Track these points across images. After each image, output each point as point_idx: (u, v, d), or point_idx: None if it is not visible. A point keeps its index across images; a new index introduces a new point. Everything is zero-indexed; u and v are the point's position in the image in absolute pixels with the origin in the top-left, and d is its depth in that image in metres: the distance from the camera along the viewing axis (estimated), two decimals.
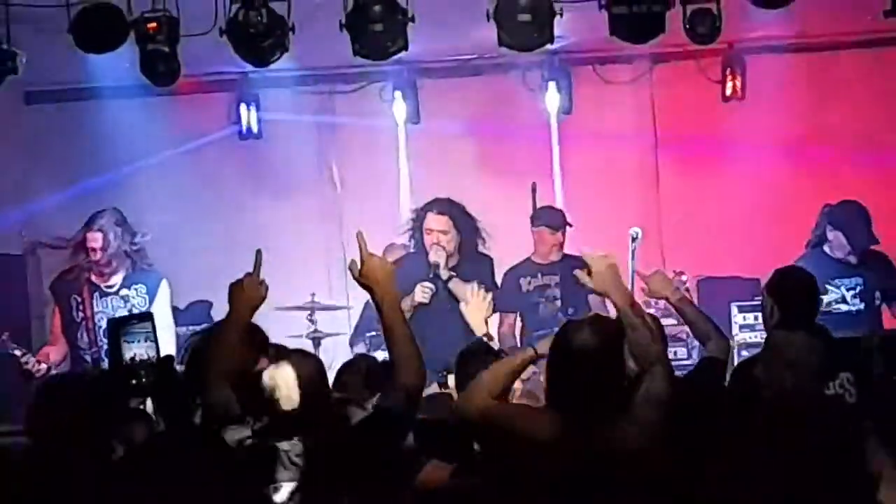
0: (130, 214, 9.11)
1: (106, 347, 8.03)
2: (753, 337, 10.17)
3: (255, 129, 11.93)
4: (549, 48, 9.34)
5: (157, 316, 8.07)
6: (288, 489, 5.10)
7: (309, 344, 10.22)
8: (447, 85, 11.89)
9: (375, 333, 9.72)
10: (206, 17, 8.66)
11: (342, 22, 8.68)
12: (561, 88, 11.62)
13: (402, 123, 11.85)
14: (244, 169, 12.08)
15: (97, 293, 8.94)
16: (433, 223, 9.16)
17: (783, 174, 11.49)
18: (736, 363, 9.02)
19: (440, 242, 9.11)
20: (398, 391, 5.03)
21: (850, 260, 8.91)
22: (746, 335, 10.36)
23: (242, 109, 11.88)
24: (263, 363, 5.50)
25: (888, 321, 9.22)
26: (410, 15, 8.67)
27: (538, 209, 10.19)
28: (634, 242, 9.27)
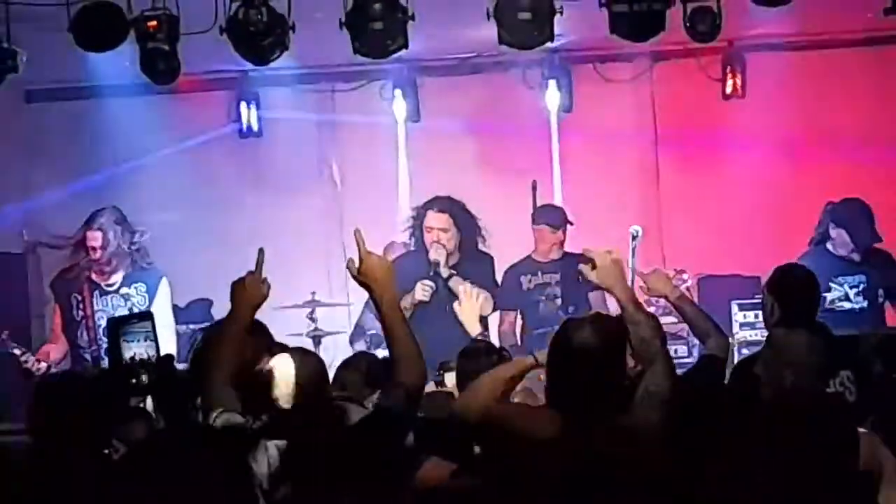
0: (130, 213, 9.12)
1: (106, 346, 8.03)
2: (754, 335, 10.16)
3: (255, 127, 11.93)
4: (549, 46, 9.33)
5: (157, 314, 8.05)
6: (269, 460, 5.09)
7: (309, 342, 10.21)
8: (447, 83, 11.88)
9: (376, 331, 9.71)
10: (206, 15, 8.65)
11: (342, 20, 8.67)
12: (561, 86, 11.62)
13: (402, 122, 11.85)
14: (244, 167, 12.07)
15: (97, 292, 8.95)
16: (433, 221, 9.17)
17: (783, 172, 11.49)
18: (736, 361, 9.03)
19: (440, 240, 9.12)
20: (398, 390, 5.01)
21: (853, 257, 8.91)
22: (747, 333, 10.36)
23: (242, 108, 11.88)
24: (266, 362, 5.50)
25: (891, 319, 9.24)
26: (410, 13, 8.66)
27: (539, 207, 10.18)
28: (635, 241, 9.27)
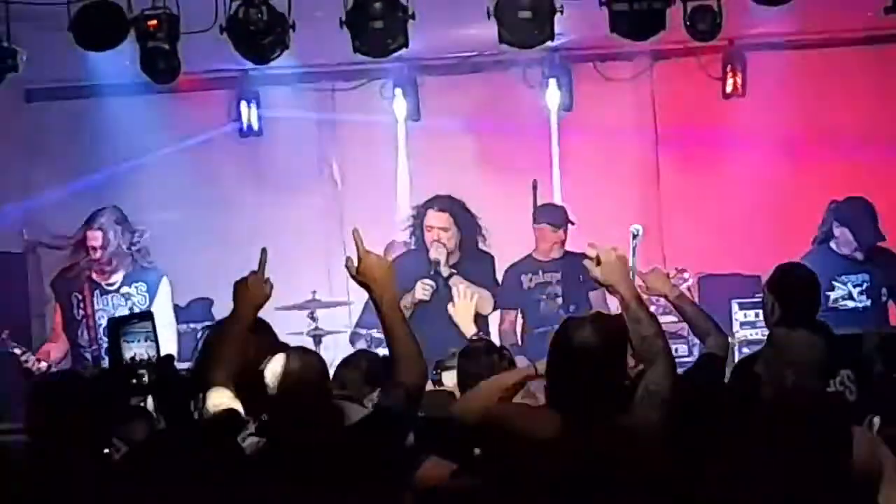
0: (131, 212, 9.11)
1: (106, 346, 8.03)
2: (754, 334, 10.17)
3: (255, 126, 11.92)
4: (549, 45, 9.33)
5: (158, 313, 8.05)
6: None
7: (310, 341, 10.21)
8: (448, 82, 11.88)
9: (376, 330, 9.71)
10: (206, 14, 8.65)
11: (342, 19, 8.67)
12: (561, 85, 11.61)
13: (402, 121, 11.84)
14: (244, 166, 12.07)
15: (98, 291, 8.94)
16: (434, 220, 9.17)
17: (784, 171, 11.48)
18: (736, 360, 9.03)
19: (441, 239, 9.12)
20: (399, 390, 5.00)
21: (856, 256, 8.90)
22: (747, 332, 10.36)
23: (243, 107, 11.87)
24: (267, 362, 5.49)
25: (895, 317, 9.21)
26: (411, 12, 8.66)
27: (540, 206, 10.17)
28: (635, 240, 9.25)
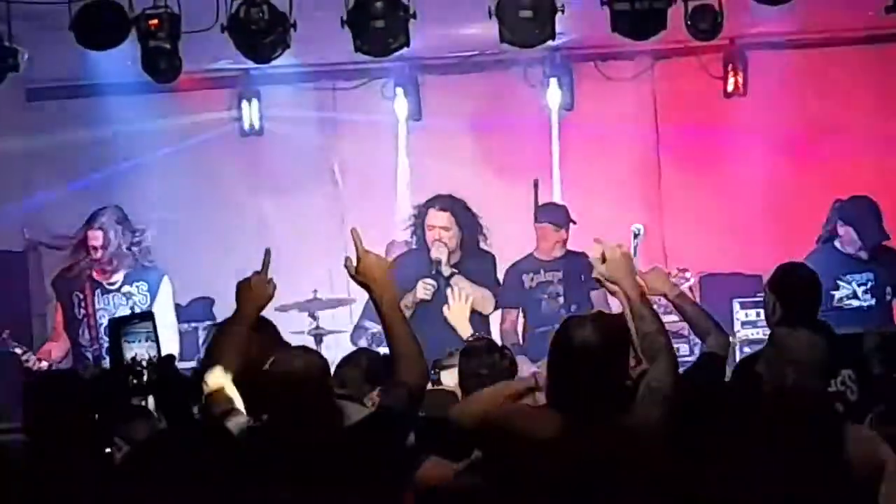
0: (131, 211, 9.10)
1: (107, 346, 8.03)
2: (755, 333, 10.18)
3: (256, 125, 11.92)
4: (550, 44, 9.32)
5: (159, 313, 8.06)
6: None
7: (311, 341, 10.22)
8: (449, 81, 11.88)
9: (377, 329, 9.71)
10: (207, 13, 8.64)
11: (343, 18, 8.66)
12: (562, 85, 11.61)
13: (403, 120, 11.85)
14: (246, 166, 12.07)
15: (99, 290, 8.94)
16: (435, 219, 9.16)
17: (785, 170, 11.48)
18: (738, 359, 9.02)
19: (442, 239, 9.11)
20: (400, 390, 4.99)
21: (860, 255, 8.88)
22: (748, 331, 10.37)
23: (244, 106, 11.87)
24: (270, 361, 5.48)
25: None
26: (412, 11, 8.65)
27: (542, 205, 10.16)
28: (636, 239, 9.25)
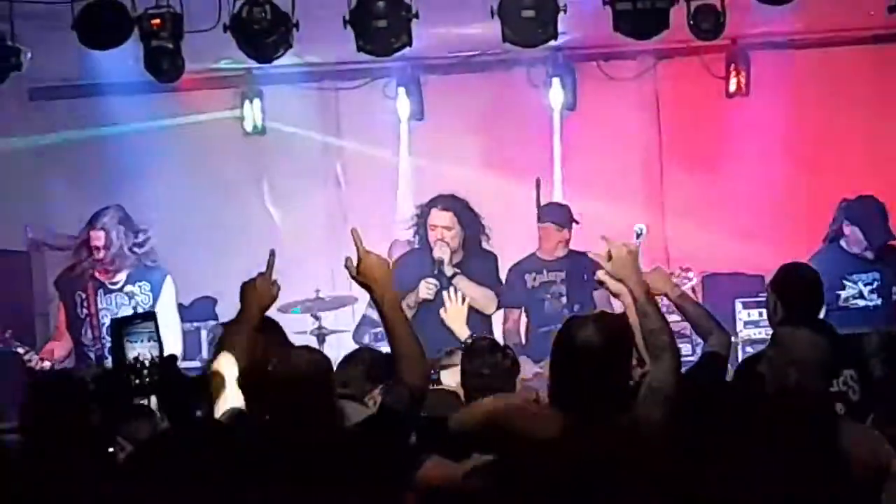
0: (134, 211, 9.10)
1: (109, 346, 8.04)
2: (758, 333, 10.18)
3: (259, 125, 11.91)
4: (553, 44, 9.32)
5: (162, 313, 8.10)
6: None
7: (313, 341, 10.22)
8: (451, 81, 11.87)
9: (379, 329, 9.70)
10: (210, 13, 8.65)
11: (346, 18, 8.67)
12: (565, 84, 11.60)
13: (405, 120, 11.84)
14: (248, 165, 12.06)
15: (101, 290, 8.94)
16: (437, 219, 9.15)
17: (787, 170, 11.47)
18: (740, 359, 9.03)
19: (444, 238, 9.10)
20: (403, 391, 4.99)
21: (866, 255, 8.86)
22: (751, 331, 10.38)
23: (246, 105, 11.86)
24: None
25: None
26: (414, 11, 8.66)
27: (545, 205, 10.12)
28: (639, 239, 9.19)
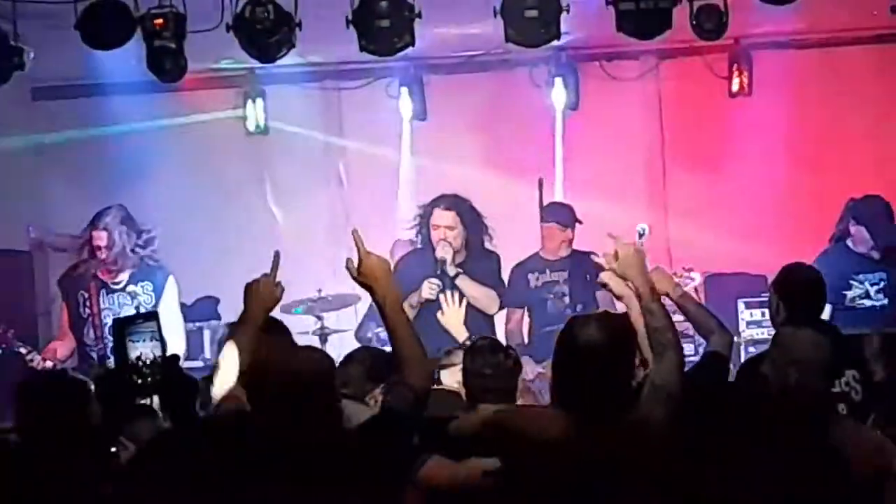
0: (136, 211, 9.10)
1: (111, 345, 8.03)
2: (760, 333, 10.17)
3: (261, 125, 11.93)
4: (555, 44, 9.32)
5: (165, 312, 8.11)
6: None
7: (315, 341, 10.23)
8: (454, 81, 11.87)
9: (382, 329, 9.70)
10: (212, 12, 8.66)
11: (349, 18, 8.67)
12: (567, 84, 11.61)
13: (408, 119, 11.85)
14: (251, 165, 12.07)
15: (104, 290, 8.94)
16: (440, 219, 9.14)
17: (789, 170, 11.47)
18: (743, 359, 9.02)
19: (447, 238, 9.09)
20: (406, 392, 4.98)
21: (872, 255, 8.84)
22: (753, 331, 10.37)
23: (249, 105, 11.88)
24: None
25: None
26: (417, 11, 8.66)
27: (548, 205, 10.11)
28: (641, 238, 9.15)
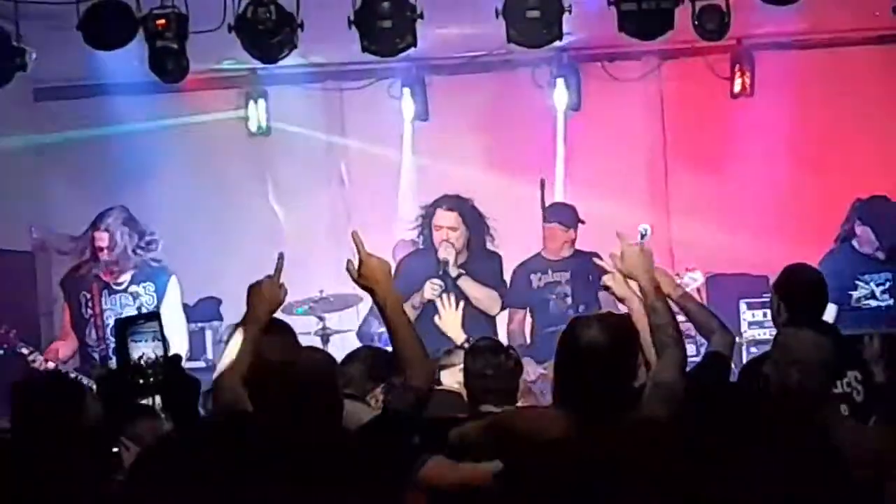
0: (138, 211, 9.10)
1: (113, 346, 8.03)
2: (762, 334, 10.17)
3: (263, 125, 11.93)
4: (557, 45, 9.31)
5: (168, 313, 8.12)
6: None
7: (317, 341, 10.23)
8: (456, 82, 11.88)
9: (383, 329, 9.69)
10: (214, 13, 8.66)
11: (351, 19, 8.67)
12: (569, 85, 11.61)
13: (410, 120, 11.85)
14: (253, 165, 12.07)
15: (106, 290, 8.94)
16: (442, 220, 9.14)
17: (791, 171, 11.47)
18: (745, 360, 9.03)
19: (449, 239, 9.08)
20: (407, 393, 4.98)
21: (878, 256, 8.84)
22: (755, 332, 10.37)
23: (251, 106, 11.88)
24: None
25: None
26: (419, 11, 8.66)
27: (551, 205, 10.11)
28: (643, 239, 9.13)
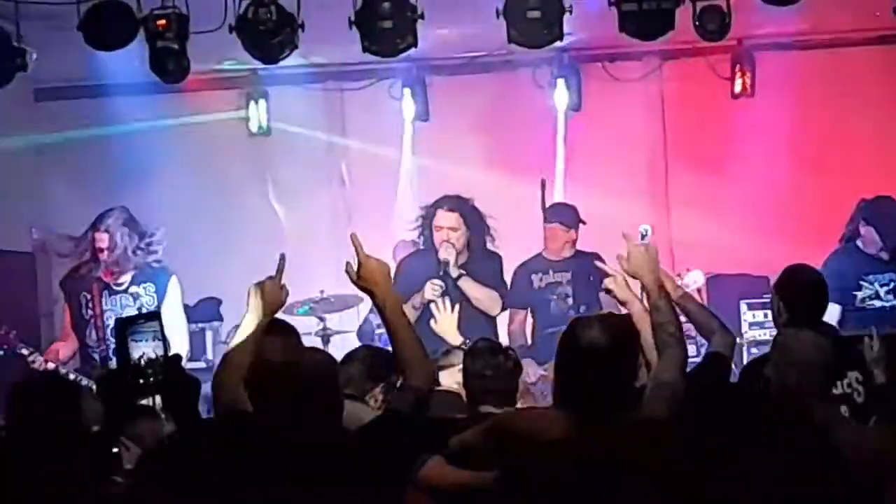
0: (138, 211, 9.10)
1: (114, 346, 8.03)
2: (763, 334, 10.18)
3: (264, 126, 11.93)
4: (558, 45, 9.31)
5: (169, 313, 8.11)
6: None
7: (318, 342, 10.23)
8: (456, 82, 11.88)
9: (383, 330, 9.68)
10: (215, 13, 8.66)
11: (351, 19, 8.67)
12: (570, 85, 11.61)
13: (410, 120, 11.85)
14: (253, 166, 12.07)
15: (106, 291, 8.93)
16: (443, 220, 9.13)
17: (792, 171, 11.47)
18: (745, 360, 9.02)
19: (450, 239, 9.08)
20: (407, 393, 4.98)
21: (882, 256, 8.83)
22: (756, 332, 10.37)
23: (252, 106, 11.88)
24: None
25: None
26: (420, 12, 8.66)
27: (552, 206, 10.11)
28: (644, 239, 9.18)
